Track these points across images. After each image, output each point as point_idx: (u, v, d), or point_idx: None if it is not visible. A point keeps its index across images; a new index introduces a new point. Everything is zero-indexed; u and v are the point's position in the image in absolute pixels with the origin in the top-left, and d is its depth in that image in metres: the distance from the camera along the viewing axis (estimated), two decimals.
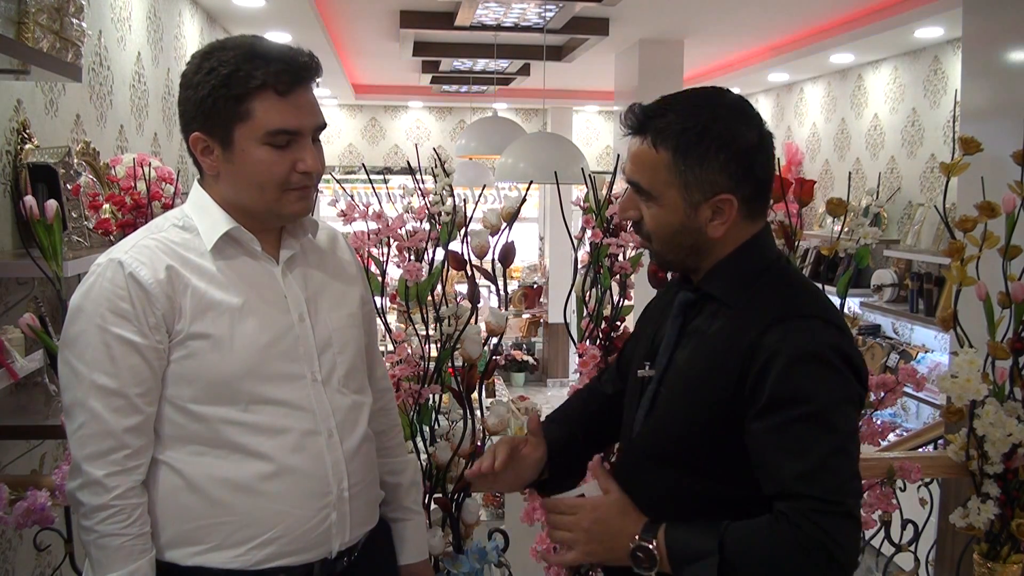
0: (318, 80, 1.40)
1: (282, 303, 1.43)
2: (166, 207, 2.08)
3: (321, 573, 1.43)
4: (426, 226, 2.04)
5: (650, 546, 1.26)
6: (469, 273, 2.03)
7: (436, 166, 2.05)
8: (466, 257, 2.03)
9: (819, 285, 1.44)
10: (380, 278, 2.04)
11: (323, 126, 1.42)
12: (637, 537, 1.28)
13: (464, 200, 2.06)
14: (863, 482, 2.08)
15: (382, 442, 1.62)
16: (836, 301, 2.12)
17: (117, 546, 1.31)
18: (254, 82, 1.32)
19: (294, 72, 1.35)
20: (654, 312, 1.51)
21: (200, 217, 1.41)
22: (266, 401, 1.38)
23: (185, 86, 1.37)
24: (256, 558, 1.37)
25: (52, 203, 1.83)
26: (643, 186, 1.33)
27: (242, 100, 1.33)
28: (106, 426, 1.31)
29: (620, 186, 2.10)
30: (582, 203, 2.11)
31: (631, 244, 2.04)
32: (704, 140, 1.27)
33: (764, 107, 7.78)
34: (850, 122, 6.42)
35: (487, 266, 2.04)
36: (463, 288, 2.09)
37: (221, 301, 1.37)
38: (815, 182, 3.39)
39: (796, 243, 2.08)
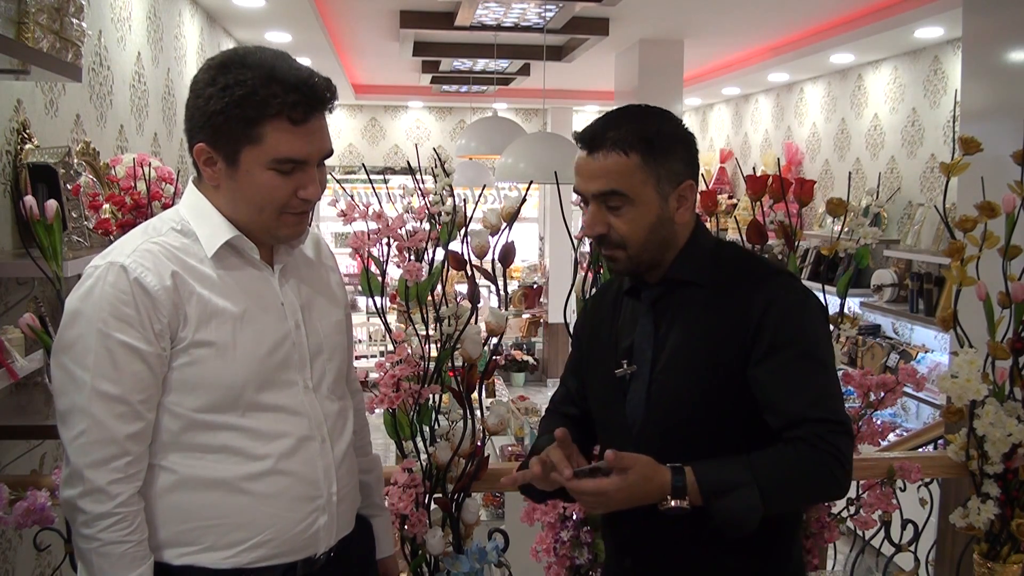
0: (331, 107, 1.39)
1: (279, 311, 1.43)
2: (166, 207, 2.07)
3: (304, 569, 1.44)
4: (426, 226, 2.04)
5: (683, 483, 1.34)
6: (469, 273, 2.03)
7: (436, 166, 2.05)
8: (466, 257, 2.03)
9: (819, 285, 1.57)
10: (380, 278, 2.04)
11: (329, 153, 1.41)
12: (669, 482, 1.33)
13: (464, 200, 2.06)
14: (863, 482, 2.12)
15: (354, 441, 1.63)
16: (836, 301, 2.13)
17: (120, 553, 1.30)
18: (269, 110, 1.31)
19: (310, 103, 1.34)
20: (600, 321, 1.60)
21: (199, 223, 1.39)
22: (264, 408, 1.39)
23: (196, 95, 1.35)
24: (247, 559, 1.37)
25: (52, 203, 1.83)
26: (623, 191, 1.43)
27: (254, 124, 1.31)
28: (109, 433, 1.29)
29: None
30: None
31: None
32: (662, 138, 1.44)
33: (764, 107, 7.79)
34: (850, 122, 6.42)
35: (487, 266, 2.04)
36: (463, 288, 2.09)
37: (224, 309, 1.36)
38: (815, 182, 3.38)
39: (796, 243, 2.08)
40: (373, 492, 1.70)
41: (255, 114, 1.30)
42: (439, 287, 2.04)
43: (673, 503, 1.33)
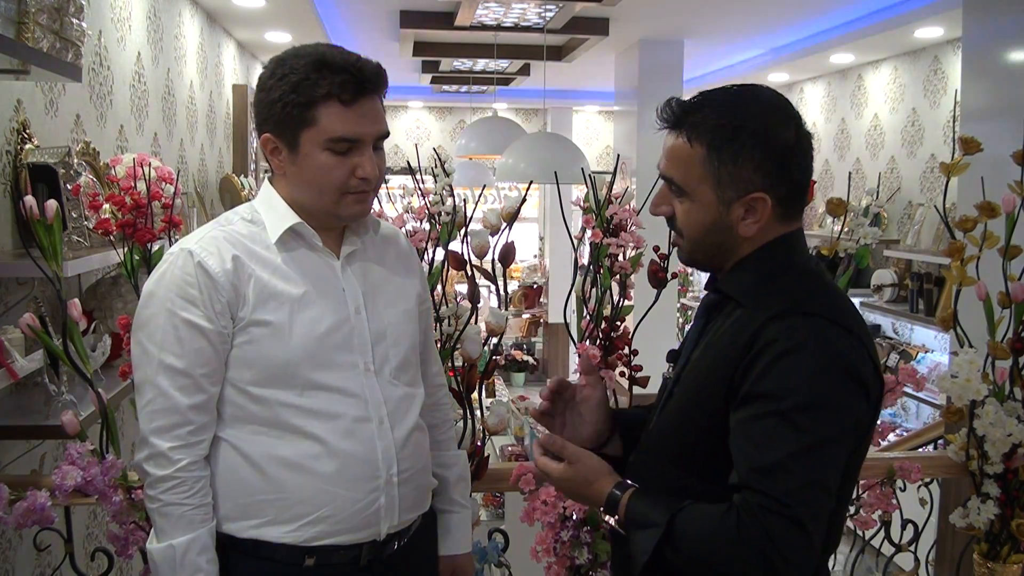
0: (385, 91, 1.46)
1: (340, 296, 1.50)
2: (166, 207, 2.08)
3: (369, 555, 1.49)
4: (426, 226, 2.04)
5: (616, 499, 1.30)
6: (469, 273, 2.03)
7: (436, 166, 2.05)
8: (466, 257, 2.03)
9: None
10: None
11: (385, 135, 1.48)
12: (605, 495, 1.31)
13: (464, 200, 2.06)
14: (863, 482, 2.11)
15: (434, 436, 1.67)
16: None
17: (179, 515, 1.40)
18: (320, 91, 1.39)
19: (358, 83, 1.41)
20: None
21: (267, 212, 1.50)
22: (320, 387, 1.45)
23: (260, 89, 1.45)
24: (307, 535, 1.44)
25: (52, 203, 1.83)
26: (677, 181, 1.32)
27: (308, 107, 1.40)
28: (172, 403, 1.40)
29: (620, 186, 2.09)
30: (582, 203, 2.11)
31: (631, 244, 2.04)
32: (739, 137, 1.26)
33: None
34: (850, 122, 6.42)
35: (487, 266, 2.04)
36: (463, 288, 2.09)
37: (283, 291, 1.45)
38: (815, 182, 3.39)
39: None
40: (451, 488, 1.73)
41: (308, 97, 1.39)
42: (439, 287, 2.04)
43: (607, 517, 1.29)
